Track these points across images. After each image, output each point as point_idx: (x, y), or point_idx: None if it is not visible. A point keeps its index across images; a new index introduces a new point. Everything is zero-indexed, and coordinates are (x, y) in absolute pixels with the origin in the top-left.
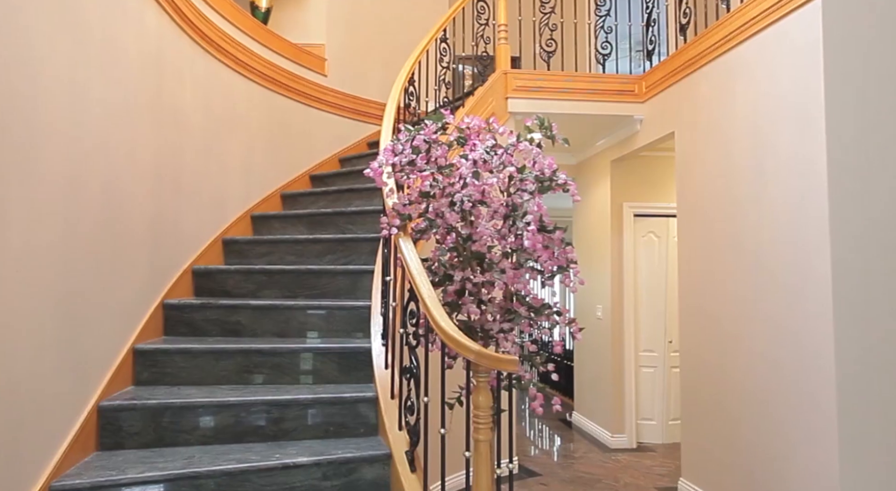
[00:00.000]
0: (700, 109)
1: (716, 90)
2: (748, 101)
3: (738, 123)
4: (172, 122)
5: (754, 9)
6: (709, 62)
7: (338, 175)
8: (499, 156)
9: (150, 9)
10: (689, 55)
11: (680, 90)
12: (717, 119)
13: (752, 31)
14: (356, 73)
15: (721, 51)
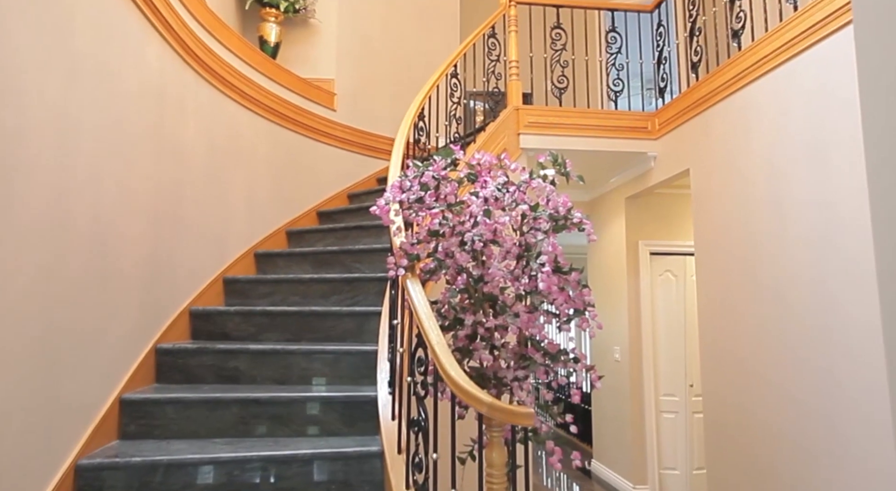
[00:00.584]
0: (715, 146)
1: (730, 127)
2: (763, 139)
3: (754, 160)
4: (173, 156)
5: (765, 48)
6: (722, 99)
7: (346, 211)
8: (511, 193)
9: (153, 41)
10: (702, 92)
11: (694, 127)
12: (733, 156)
13: (765, 69)
14: (366, 108)
15: (734, 88)
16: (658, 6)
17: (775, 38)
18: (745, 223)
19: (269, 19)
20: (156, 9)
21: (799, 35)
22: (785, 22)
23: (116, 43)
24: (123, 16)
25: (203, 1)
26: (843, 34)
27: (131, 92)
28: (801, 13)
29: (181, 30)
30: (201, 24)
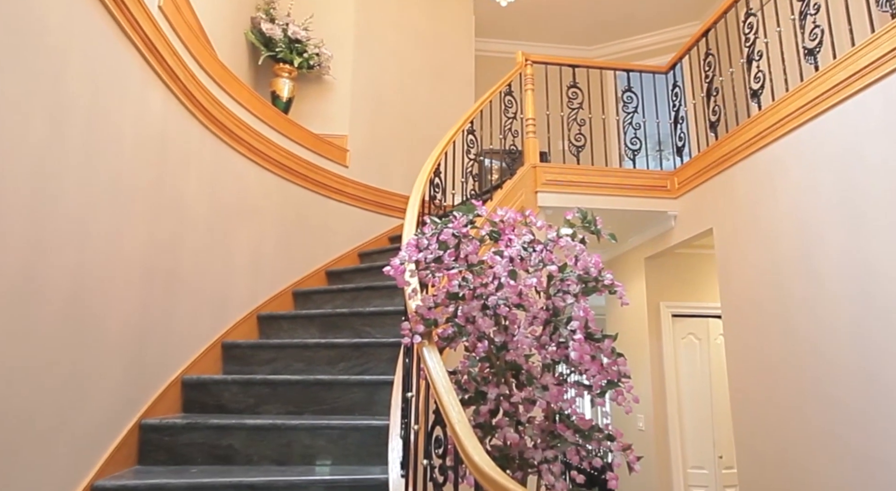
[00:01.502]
0: (739, 206)
1: (754, 186)
2: (790, 198)
3: (782, 220)
4: (172, 211)
5: (787, 107)
6: (744, 158)
7: (356, 271)
8: (538, 252)
9: (156, 90)
10: (723, 151)
11: (715, 186)
12: (758, 216)
13: (788, 127)
14: (379, 165)
15: (756, 147)
16: (673, 67)
17: (798, 98)
18: (775, 283)
19: (282, 75)
20: (161, 58)
21: (823, 94)
22: (807, 81)
23: (115, 91)
24: (124, 63)
25: (213, 54)
26: (869, 93)
27: (128, 142)
28: (823, 73)
29: (188, 80)
30: (210, 76)
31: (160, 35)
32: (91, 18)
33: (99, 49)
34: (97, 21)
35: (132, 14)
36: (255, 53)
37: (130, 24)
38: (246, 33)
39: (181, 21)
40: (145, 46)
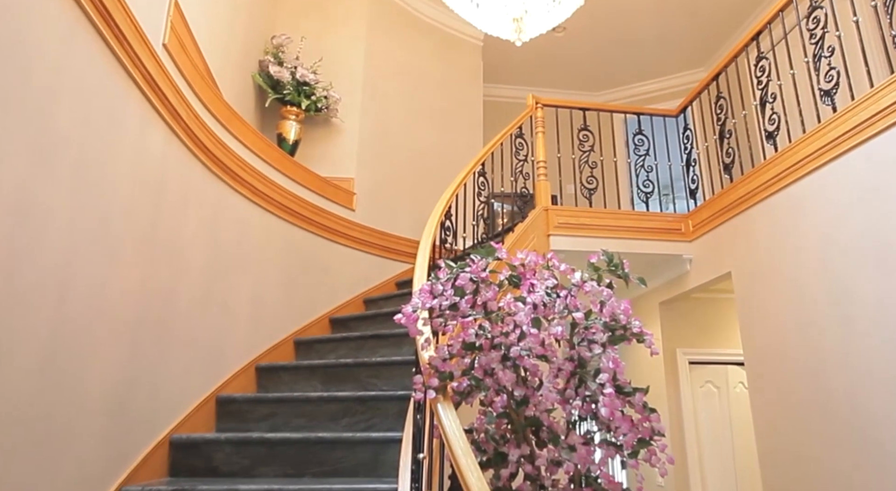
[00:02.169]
0: (758, 249)
1: (774, 229)
2: (813, 240)
3: (806, 263)
4: (167, 257)
5: (806, 147)
6: (762, 200)
7: (362, 318)
8: (562, 298)
9: (156, 129)
10: (739, 193)
11: (732, 229)
12: (780, 259)
13: (808, 168)
14: (386, 209)
15: (775, 188)
16: (683, 111)
17: (817, 138)
18: (802, 328)
19: (289, 117)
20: (163, 96)
21: (844, 134)
22: (826, 122)
23: (110, 128)
24: (123, 100)
25: (219, 94)
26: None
27: (123, 182)
28: (843, 113)
29: (191, 120)
30: (214, 116)
31: (163, 73)
32: (88, 52)
33: (95, 84)
34: (95, 55)
35: (134, 50)
36: (262, 95)
37: (132, 60)
38: (253, 75)
39: (186, 60)
40: (147, 84)
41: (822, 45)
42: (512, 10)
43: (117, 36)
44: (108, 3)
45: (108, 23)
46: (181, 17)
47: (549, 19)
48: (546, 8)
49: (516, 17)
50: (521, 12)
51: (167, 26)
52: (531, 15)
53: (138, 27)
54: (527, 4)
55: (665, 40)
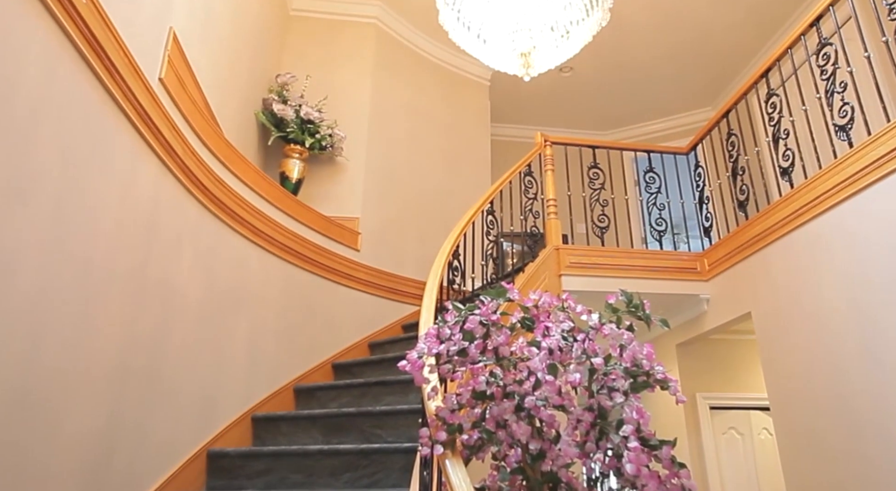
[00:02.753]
0: (778, 287)
1: (794, 267)
2: (837, 277)
3: (830, 301)
4: (157, 299)
5: (825, 183)
6: (780, 237)
7: (366, 364)
8: (580, 342)
9: (148, 165)
10: (756, 231)
11: (750, 267)
12: (802, 297)
13: (828, 204)
14: (392, 249)
15: (793, 225)
16: (693, 148)
17: (835, 174)
18: (829, 369)
19: (292, 155)
20: (157, 131)
21: (864, 168)
22: (843, 157)
23: (95, 162)
24: (111, 134)
25: (218, 130)
26: None
27: (108, 219)
28: (861, 147)
29: (187, 156)
30: (212, 152)
31: (158, 107)
32: (73, 82)
33: (80, 116)
34: (81, 86)
35: (126, 83)
36: (265, 134)
37: (123, 92)
38: (256, 114)
39: (184, 95)
40: (139, 118)
41: (834, 81)
42: (519, 45)
43: (108, 67)
44: (98, 33)
45: (98, 53)
46: (180, 52)
47: (558, 55)
48: (554, 43)
49: (524, 52)
50: (528, 47)
51: (164, 60)
52: (539, 50)
53: (132, 60)
54: (535, 39)
55: (671, 80)
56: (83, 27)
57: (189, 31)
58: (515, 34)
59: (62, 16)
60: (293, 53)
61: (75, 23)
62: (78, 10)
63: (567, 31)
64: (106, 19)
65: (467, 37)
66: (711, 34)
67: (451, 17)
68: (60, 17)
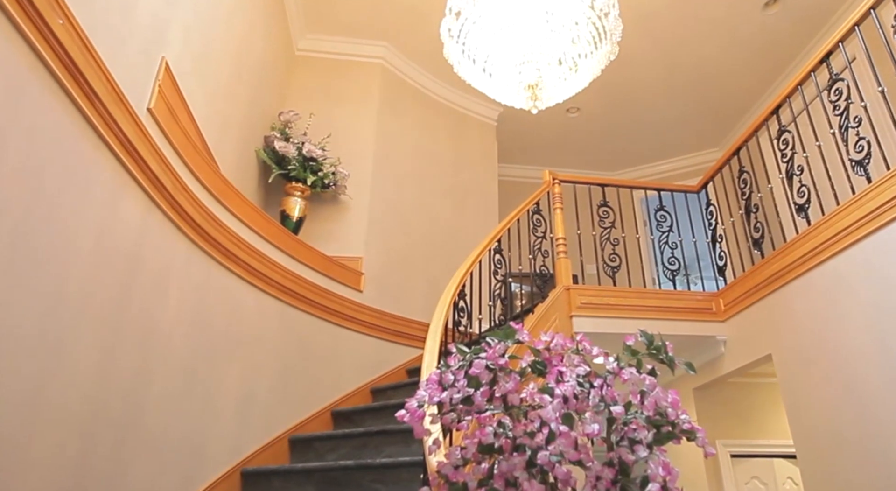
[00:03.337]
0: (799, 328)
1: (816, 306)
2: (862, 316)
3: (857, 341)
4: (137, 343)
5: (845, 219)
6: (799, 276)
7: (368, 411)
8: (598, 388)
9: (132, 199)
10: (773, 270)
11: (769, 307)
12: (825, 338)
13: (848, 241)
14: (396, 290)
15: (812, 263)
16: (704, 186)
17: (854, 209)
18: (858, 412)
19: (294, 194)
20: (143, 164)
21: (886, 203)
22: (862, 192)
23: (69, 194)
24: (89, 164)
25: (213, 165)
26: None
27: (83, 255)
28: (881, 182)
29: (178, 191)
30: (206, 188)
31: (145, 138)
32: (45, 108)
33: (50, 143)
34: (53, 111)
35: (108, 111)
36: (266, 171)
37: (105, 121)
38: (257, 151)
39: (176, 128)
40: (123, 149)
41: (848, 116)
42: (526, 77)
43: (87, 93)
44: (77, 58)
45: (76, 78)
46: (173, 83)
47: (566, 88)
48: (562, 76)
49: (531, 85)
50: (535, 79)
51: (154, 90)
52: (546, 83)
53: (116, 87)
54: (542, 71)
55: (679, 121)
56: (59, 49)
57: (184, 63)
58: (522, 66)
59: (33, 35)
60: (297, 91)
61: (49, 44)
62: (53, 31)
63: (575, 64)
64: (87, 43)
65: (473, 70)
66: (718, 75)
67: (455, 50)
68: (31, 36)
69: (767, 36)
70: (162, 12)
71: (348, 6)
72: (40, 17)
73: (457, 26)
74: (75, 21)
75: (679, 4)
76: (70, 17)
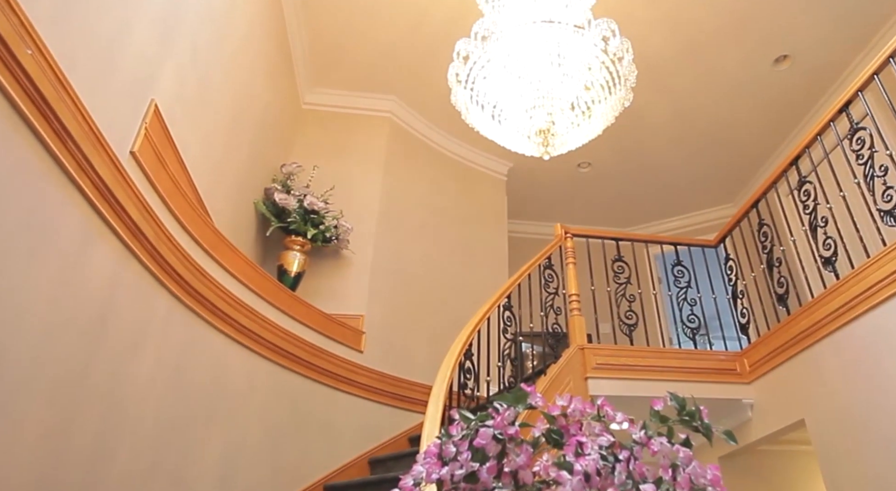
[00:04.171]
0: (836, 390)
1: (852, 365)
2: None
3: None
4: (102, 412)
5: (877, 272)
6: (831, 333)
7: (365, 485)
8: (624, 463)
9: (105, 247)
10: (801, 327)
11: (799, 367)
12: (866, 401)
13: (886, 294)
14: (399, 350)
15: (846, 319)
16: (722, 240)
17: (889, 260)
18: None
19: (293, 247)
20: (121, 210)
21: None
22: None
23: (25, 238)
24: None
25: (203, 215)
26: None
27: (38, 308)
28: None
29: (160, 241)
30: (195, 239)
31: (125, 182)
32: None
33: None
34: (18, 151)
35: (82, 151)
36: (265, 224)
37: (77, 162)
38: (256, 203)
39: (163, 174)
40: (97, 193)
41: (873, 165)
42: (537, 122)
43: (58, 131)
44: (47, 92)
45: (45, 114)
46: (162, 127)
47: (579, 134)
48: (575, 121)
49: (542, 130)
50: (547, 124)
51: (140, 133)
52: (558, 127)
53: (93, 126)
54: (553, 116)
55: (690, 176)
56: (25, 82)
57: (177, 107)
58: (533, 111)
59: None
60: (302, 143)
61: (13, 75)
62: (19, 61)
63: (588, 108)
64: (61, 78)
65: (481, 117)
66: (730, 129)
67: (464, 95)
68: None
69: (779, 91)
70: (153, 52)
71: (357, 61)
72: (3, 45)
73: (465, 71)
74: (48, 52)
75: (689, 58)
76: (41, 47)
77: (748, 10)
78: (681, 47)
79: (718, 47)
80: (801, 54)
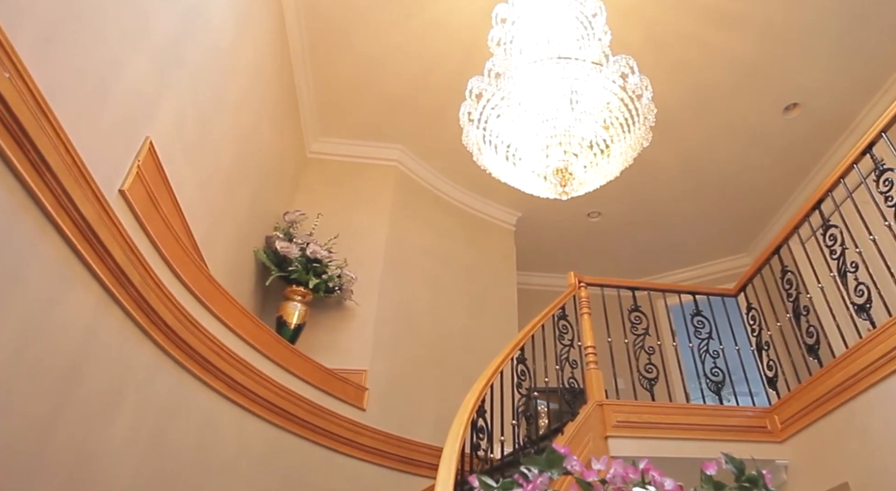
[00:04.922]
0: (880, 448)
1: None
2: None
3: None
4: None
5: None
6: (872, 386)
7: None
8: None
9: (83, 291)
10: (837, 380)
11: (837, 424)
12: None
13: None
14: (405, 408)
15: (888, 370)
16: (743, 289)
17: None
18: None
19: (294, 298)
20: (104, 251)
21: None
22: None
23: None
24: (22, 244)
25: (199, 264)
26: None
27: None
28: None
29: (147, 288)
30: (187, 287)
31: (110, 222)
32: None
33: None
34: None
35: (62, 186)
36: (265, 273)
37: (56, 197)
38: (256, 252)
39: (155, 215)
40: (77, 232)
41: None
42: (553, 160)
43: (35, 163)
44: (24, 119)
45: (21, 143)
46: (157, 166)
47: (597, 174)
48: (594, 160)
49: (559, 169)
50: (564, 163)
51: (131, 170)
52: (575, 167)
53: (77, 160)
54: (569, 154)
55: (703, 226)
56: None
57: (174, 147)
58: (549, 150)
59: None
60: (306, 191)
61: None
62: None
63: (607, 146)
64: (43, 106)
65: (495, 158)
66: (741, 178)
67: (476, 135)
68: None
69: (789, 139)
70: (150, 89)
71: (364, 111)
72: None
73: (478, 109)
74: (29, 79)
75: (698, 109)
76: (23, 72)
77: (756, 60)
78: (689, 97)
79: (727, 97)
80: (810, 102)
